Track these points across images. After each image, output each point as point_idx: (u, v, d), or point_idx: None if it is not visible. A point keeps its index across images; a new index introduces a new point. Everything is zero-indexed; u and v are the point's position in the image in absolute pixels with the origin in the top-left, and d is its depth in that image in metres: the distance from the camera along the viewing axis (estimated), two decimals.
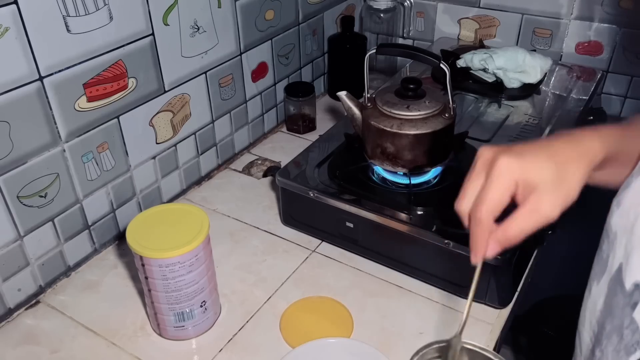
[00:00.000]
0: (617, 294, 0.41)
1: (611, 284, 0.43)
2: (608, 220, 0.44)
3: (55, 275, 0.82)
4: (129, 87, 0.82)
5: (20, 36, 0.66)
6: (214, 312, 0.75)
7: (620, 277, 0.41)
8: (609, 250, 0.44)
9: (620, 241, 0.42)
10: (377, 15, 1.28)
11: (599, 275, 0.45)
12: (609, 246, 0.44)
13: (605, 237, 0.45)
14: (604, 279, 0.44)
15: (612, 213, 0.44)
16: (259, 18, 1.04)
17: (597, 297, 0.45)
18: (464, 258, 0.73)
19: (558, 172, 0.46)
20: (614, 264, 0.43)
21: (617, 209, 0.43)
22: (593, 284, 0.46)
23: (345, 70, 1.26)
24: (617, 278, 0.42)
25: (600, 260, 0.46)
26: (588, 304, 0.47)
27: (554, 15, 1.20)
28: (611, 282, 0.43)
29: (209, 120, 1.01)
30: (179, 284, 0.67)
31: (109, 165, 0.84)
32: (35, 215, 0.76)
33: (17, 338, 0.74)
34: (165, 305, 0.69)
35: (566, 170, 0.46)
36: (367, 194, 0.83)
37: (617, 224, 0.43)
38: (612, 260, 0.43)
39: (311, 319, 0.76)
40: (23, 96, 0.69)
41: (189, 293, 0.69)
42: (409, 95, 0.83)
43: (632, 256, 0.40)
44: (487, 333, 0.74)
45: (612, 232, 0.44)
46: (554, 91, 1.12)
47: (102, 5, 0.74)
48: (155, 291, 0.68)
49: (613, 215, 0.44)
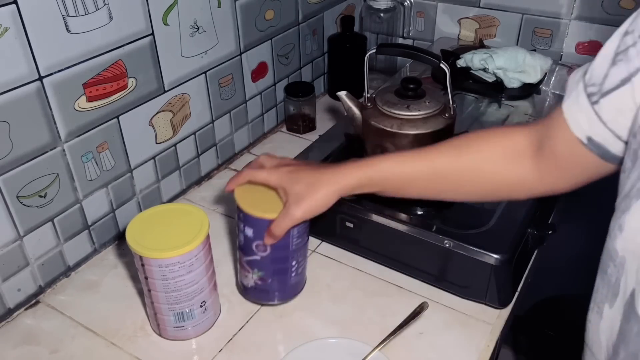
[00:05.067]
0: (630, 320, 0.41)
1: (626, 309, 0.42)
2: (611, 244, 0.43)
3: (55, 275, 0.82)
4: (129, 87, 0.82)
5: (20, 36, 0.66)
6: (213, 312, 0.75)
7: (633, 303, 0.40)
8: (618, 274, 0.43)
9: (630, 266, 0.41)
10: (377, 15, 1.28)
11: (610, 299, 0.44)
12: (617, 270, 0.43)
13: (610, 261, 0.43)
14: (619, 303, 0.43)
15: (615, 237, 0.42)
16: (259, 18, 1.03)
17: (613, 320, 0.44)
18: (463, 258, 0.74)
19: (307, 190, 0.63)
20: (627, 289, 0.42)
21: (620, 232, 0.41)
22: (604, 307, 0.45)
23: (345, 70, 1.26)
24: (631, 303, 0.41)
25: (608, 284, 0.44)
26: (602, 326, 0.46)
27: (554, 15, 1.20)
28: (626, 307, 0.42)
29: (209, 120, 1.01)
30: (178, 284, 0.67)
31: (108, 165, 0.84)
32: (35, 215, 0.75)
33: (17, 338, 0.74)
34: (165, 306, 0.69)
35: (315, 190, 0.63)
36: (367, 194, 0.83)
37: (623, 248, 0.41)
38: (624, 285, 0.42)
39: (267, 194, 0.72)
40: (23, 96, 0.69)
41: (188, 293, 0.68)
42: (409, 95, 0.83)
43: None
44: (487, 333, 0.74)
45: (618, 256, 0.42)
46: (554, 91, 1.12)
47: (102, 5, 0.74)
48: (155, 291, 0.68)
49: (617, 238, 0.42)
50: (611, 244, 0.43)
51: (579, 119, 0.48)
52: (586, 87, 0.47)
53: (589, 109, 0.47)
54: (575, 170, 0.54)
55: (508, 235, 0.76)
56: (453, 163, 0.62)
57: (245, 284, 0.76)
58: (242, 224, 0.70)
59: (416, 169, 0.63)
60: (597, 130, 0.47)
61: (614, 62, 0.44)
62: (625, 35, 0.43)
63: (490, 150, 0.61)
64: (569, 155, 0.52)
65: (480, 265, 0.73)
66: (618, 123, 0.45)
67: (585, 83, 0.47)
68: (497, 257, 0.72)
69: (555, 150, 0.54)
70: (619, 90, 0.43)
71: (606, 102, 0.45)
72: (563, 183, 0.57)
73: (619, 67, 0.43)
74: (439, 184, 0.64)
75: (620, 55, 0.43)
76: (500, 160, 0.60)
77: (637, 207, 0.40)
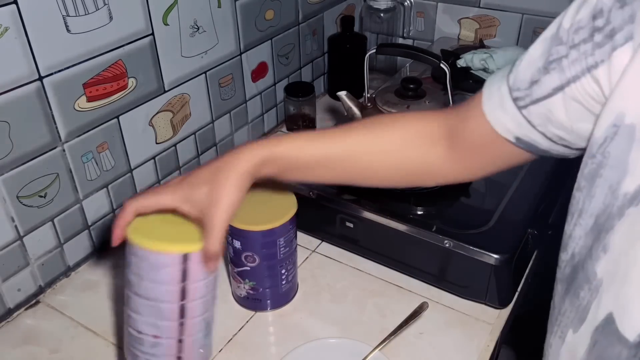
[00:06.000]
0: (614, 345, 0.39)
1: (597, 334, 0.41)
2: (590, 266, 0.41)
3: (55, 275, 0.82)
4: (129, 87, 0.82)
5: (20, 36, 0.66)
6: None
7: (613, 328, 0.39)
8: (590, 298, 0.41)
9: (607, 288, 0.40)
10: (377, 15, 1.28)
11: (576, 324, 0.43)
12: (590, 293, 0.41)
13: (585, 283, 0.42)
14: (584, 329, 0.42)
15: (598, 259, 0.41)
16: (259, 18, 1.03)
17: (574, 346, 0.43)
18: (464, 258, 0.74)
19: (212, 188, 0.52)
20: (599, 313, 0.40)
21: (604, 254, 0.40)
22: (567, 331, 0.44)
23: (345, 70, 1.26)
24: (607, 328, 0.40)
25: (577, 308, 0.43)
26: (563, 352, 0.45)
27: (554, 15, 1.18)
28: (597, 333, 0.41)
29: (209, 120, 1.01)
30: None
31: (108, 165, 0.84)
32: (35, 215, 0.75)
33: (17, 338, 0.74)
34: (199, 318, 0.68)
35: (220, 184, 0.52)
36: (367, 194, 0.83)
37: (604, 270, 0.40)
38: (595, 309, 0.41)
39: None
40: (23, 96, 0.69)
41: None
42: (409, 95, 0.83)
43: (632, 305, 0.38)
44: (488, 333, 0.74)
45: (595, 279, 0.41)
46: None
47: (102, 5, 0.74)
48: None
49: (599, 260, 0.40)
50: (591, 266, 0.41)
51: (505, 122, 0.48)
52: (511, 91, 0.47)
53: (516, 113, 0.47)
54: (494, 160, 0.54)
55: (508, 235, 0.76)
56: (364, 143, 0.58)
57: (238, 294, 0.77)
58: (229, 236, 0.71)
59: (325, 149, 0.58)
60: (525, 132, 0.47)
61: (547, 70, 0.44)
62: (557, 44, 0.43)
63: (404, 132, 0.58)
64: (489, 148, 0.52)
65: (480, 265, 0.73)
66: (548, 128, 0.46)
67: (509, 87, 0.47)
68: (497, 257, 0.72)
69: (473, 141, 0.53)
70: (552, 99, 0.44)
71: (536, 108, 0.45)
72: (479, 171, 0.57)
73: (551, 76, 0.43)
74: (349, 166, 0.59)
75: (553, 64, 0.43)
76: (413, 143, 0.58)
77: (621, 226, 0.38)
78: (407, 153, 0.58)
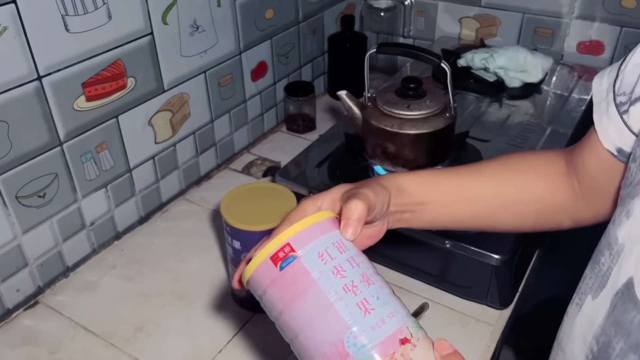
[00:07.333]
0: (629, 311, 0.39)
1: (617, 299, 0.40)
2: (612, 232, 0.41)
3: (54, 275, 0.81)
4: (128, 87, 0.82)
5: (19, 36, 0.66)
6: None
7: (632, 293, 0.39)
8: (611, 263, 0.41)
9: (628, 254, 0.39)
10: (378, 14, 1.27)
11: (595, 290, 0.43)
12: (611, 258, 0.41)
13: (606, 249, 0.42)
14: (605, 294, 0.42)
15: (620, 223, 0.40)
16: (259, 17, 1.03)
17: (594, 312, 0.43)
18: (464, 258, 0.73)
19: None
20: (620, 278, 0.40)
21: (627, 219, 0.40)
22: (586, 298, 0.44)
23: (346, 69, 1.25)
24: (626, 293, 0.39)
25: (597, 273, 0.43)
26: (579, 319, 0.45)
27: (555, 14, 1.19)
28: (617, 298, 0.40)
29: (209, 120, 1.01)
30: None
31: (107, 165, 0.83)
32: (33, 215, 0.75)
33: (16, 339, 0.74)
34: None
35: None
36: None
37: (626, 235, 0.40)
38: (616, 274, 0.40)
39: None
40: (22, 96, 0.68)
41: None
42: (410, 94, 0.82)
43: None
44: (488, 334, 0.73)
45: (617, 244, 0.41)
46: (555, 91, 1.12)
47: (101, 5, 0.73)
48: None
49: (621, 225, 0.40)
50: (613, 231, 0.41)
51: (609, 131, 0.47)
52: (615, 96, 0.46)
53: (618, 120, 0.46)
54: (611, 187, 0.50)
55: (509, 235, 0.75)
56: (493, 186, 0.56)
57: (238, 294, 0.77)
58: (229, 237, 0.71)
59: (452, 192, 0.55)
60: (626, 141, 0.46)
61: None
62: None
63: (532, 172, 0.57)
64: (600, 170, 0.50)
65: (481, 265, 0.72)
66: None
67: (615, 92, 0.46)
68: (498, 258, 0.71)
69: (588, 167, 0.51)
70: None
71: (635, 110, 0.44)
72: (606, 203, 0.52)
73: None
74: (477, 209, 0.56)
75: None
76: (542, 183, 0.56)
77: None
78: (538, 192, 0.56)
